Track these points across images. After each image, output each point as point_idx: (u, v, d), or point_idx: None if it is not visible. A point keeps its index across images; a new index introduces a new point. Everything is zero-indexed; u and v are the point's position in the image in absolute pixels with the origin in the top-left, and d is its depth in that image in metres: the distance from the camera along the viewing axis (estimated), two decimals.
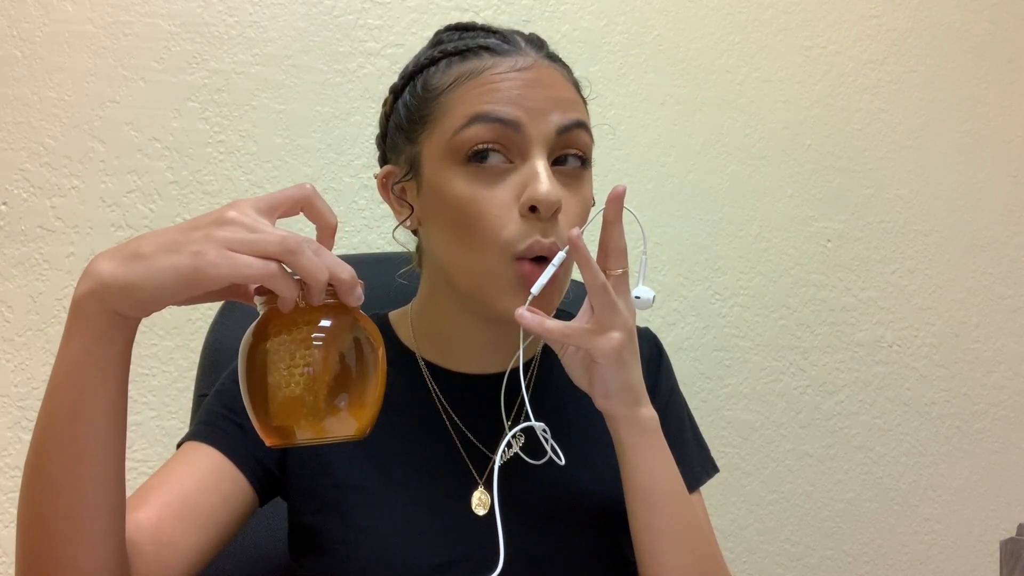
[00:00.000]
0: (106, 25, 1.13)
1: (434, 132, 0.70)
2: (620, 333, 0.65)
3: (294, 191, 0.55)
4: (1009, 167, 1.62)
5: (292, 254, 0.51)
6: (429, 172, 0.71)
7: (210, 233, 0.51)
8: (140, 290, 0.51)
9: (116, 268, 0.51)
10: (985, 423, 1.57)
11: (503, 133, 0.67)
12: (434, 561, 0.70)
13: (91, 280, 0.52)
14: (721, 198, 1.43)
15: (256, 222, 0.52)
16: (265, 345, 0.54)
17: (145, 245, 0.52)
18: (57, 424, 0.55)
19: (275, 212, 0.54)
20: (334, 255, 0.53)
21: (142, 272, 0.51)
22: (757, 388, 1.43)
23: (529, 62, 0.70)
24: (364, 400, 0.55)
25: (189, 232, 0.51)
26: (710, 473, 0.83)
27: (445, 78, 0.71)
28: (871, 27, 1.53)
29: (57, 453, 0.55)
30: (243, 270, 0.50)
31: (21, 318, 1.09)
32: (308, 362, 0.53)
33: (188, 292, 0.51)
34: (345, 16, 1.23)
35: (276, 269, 0.51)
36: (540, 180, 0.66)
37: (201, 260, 0.50)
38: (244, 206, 0.52)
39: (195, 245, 0.50)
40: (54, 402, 0.55)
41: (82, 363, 0.53)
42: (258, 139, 1.19)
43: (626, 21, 1.38)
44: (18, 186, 1.10)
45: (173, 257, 0.50)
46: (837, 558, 1.47)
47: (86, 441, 0.54)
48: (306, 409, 0.53)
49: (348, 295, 0.54)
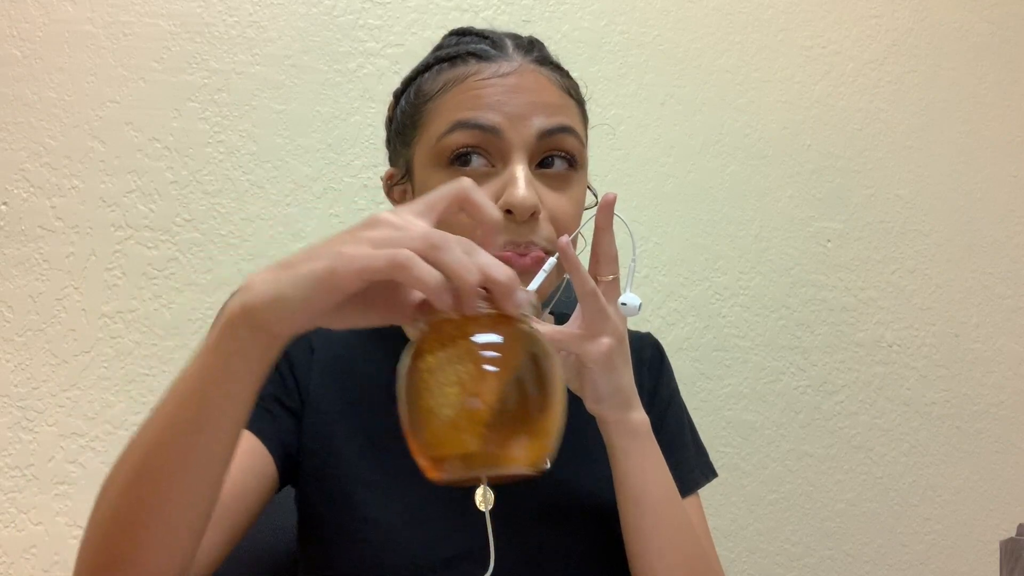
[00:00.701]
0: (106, 25, 1.13)
1: (423, 137, 0.72)
2: (610, 338, 0.66)
3: (449, 187, 0.50)
4: (1009, 167, 1.62)
5: (435, 249, 0.45)
6: (419, 175, 0.73)
7: (356, 234, 0.47)
8: (285, 300, 0.47)
9: (266, 280, 0.48)
10: (985, 423, 1.57)
11: (484, 138, 0.69)
12: (441, 555, 0.71)
13: (243, 293, 0.49)
14: (721, 198, 1.43)
15: (406, 221, 0.47)
16: (419, 364, 0.47)
17: (296, 255, 0.49)
18: (176, 432, 0.52)
19: (432, 211, 0.49)
20: (490, 255, 0.47)
21: (287, 281, 0.47)
22: (757, 388, 1.43)
23: (513, 67, 0.71)
24: (540, 426, 0.47)
25: (340, 236, 0.48)
26: (708, 477, 0.84)
27: (434, 84, 0.73)
28: (871, 27, 1.53)
29: (168, 460, 0.53)
30: (372, 262, 0.45)
31: (21, 318, 1.09)
32: (465, 382, 0.45)
33: (327, 297, 0.46)
34: (345, 16, 1.23)
35: (405, 259, 0.45)
36: (517, 185, 0.67)
37: (337, 260, 0.46)
38: (400, 209, 0.49)
39: (338, 247, 0.47)
40: (177, 410, 0.52)
41: (218, 378, 0.50)
42: (258, 139, 1.19)
43: (626, 21, 1.39)
44: (18, 186, 1.10)
45: (315, 262, 0.47)
46: (837, 558, 1.47)
47: (200, 452, 0.53)
48: (466, 436, 0.45)
49: (505, 300, 0.47)
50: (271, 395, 0.74)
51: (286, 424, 0.74)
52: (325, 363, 0.78)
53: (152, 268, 1.14)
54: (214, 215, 1.16)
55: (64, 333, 1.10)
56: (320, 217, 1.21)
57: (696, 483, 0.82)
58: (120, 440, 1.11)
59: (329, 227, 1.21)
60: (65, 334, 1.10)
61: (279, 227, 1.19)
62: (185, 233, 1.15)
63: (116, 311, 1.12)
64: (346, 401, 0.77)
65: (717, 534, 0.78)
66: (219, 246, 1.16)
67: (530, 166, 0.70)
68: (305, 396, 0.76)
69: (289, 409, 0.75)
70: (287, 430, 0.70)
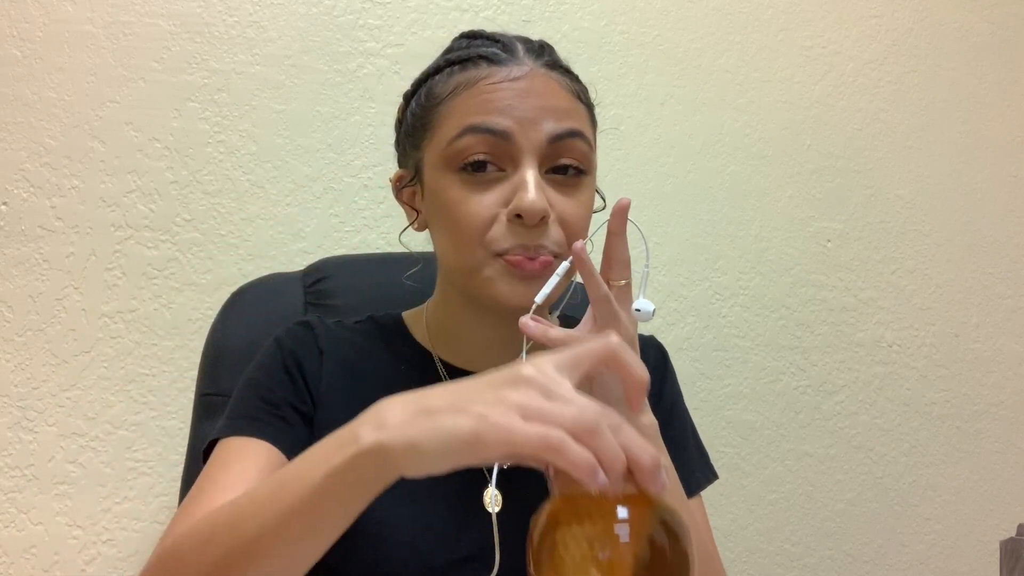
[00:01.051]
0: (106, 25, 1.13)
1: (433, 140, 0.73)
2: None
3: (599, 347, 0.50)
4: (1009, 167, 1.62)
5: (589, 434, 0.45)
6: (429, 178, 0.74)
7: (502, 394, 0.46)
8: (422, 452, 0.46)
9: (405, 422, 0.48)
10: (985, 423, 1.57)
11: (494, 143, 0.69)
12: (450, 556, 0.71)
13: (379, 431, 0.48)
14: (721, 198, 1.43)
15: (554, 384, 0.47)
16: (555, 535, 0.46)
17: (437, 397, 0.48)
18: (284, 525, 0.52)
19: (578, 369, 0.49)
20: (634, 432, 0.47)
21: (427, 431, 0.46)
22: (757, 388, 1.43)
23: (524, 71, 0.71)
24: None
25: (483, 391, 0.47)
26: (710, 479, 0.85)
27: (445, 87, 0.73)
28: (871, 27, 1.53)
29: (271, 544, 0.53)
30: (522, 438, 0.44)
31: (21, 318, 1.09)
32: (600, 561, 0.45)
33: (468, 458, 0.46)
34: (345, 16, 1.23)
35: (558, 442, 0.44)
36: (527, 190, 0.68)
37: (483, 424, 0.45)
38: (544, 364, 0.48)
39: (483, 406, 0.46)
40: (290, 506, 0.52)
41: (335, 497, 0.51)
42: (258, 139, 1.19)
43: (626, 21, 1.39)
44: (18, 186, 1.10)
45: (458, 417, 0.46)
46: (837, 558, 1.47)
47: (304, 546, 0.53)
48: None
49: (649, 482, 0.46)
50: (286, 402, 0.74)
51: (301, 430, 0.74)
52: (333, 365, 0.78)
53: (152, 268, 1.14)
54: (214, 215, 1.16)
55: (64, 333, 1.10)
56: (320, 217, 1.21)
57: (698, 485, 0.83)
58: (120, 439, 1.11)
59: (329, 227, 1.21)
60: (65, 334, 1.10)
61: (279, 227, 1.19)
62: (185, 233, 1.15)
63: (116, 311, 1.12)
64: (354, 402, 0.76)
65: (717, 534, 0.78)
66: (219, 246, 1.16)
67: (540, 170, 0.70)
68: (316, 399, 0.76)
69: (302, 414, 0.75)
70: (302, 436, 0.70)
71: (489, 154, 0.69)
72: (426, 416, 0.47)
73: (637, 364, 0.51)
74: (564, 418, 0.45)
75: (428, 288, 0.84)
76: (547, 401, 0.46)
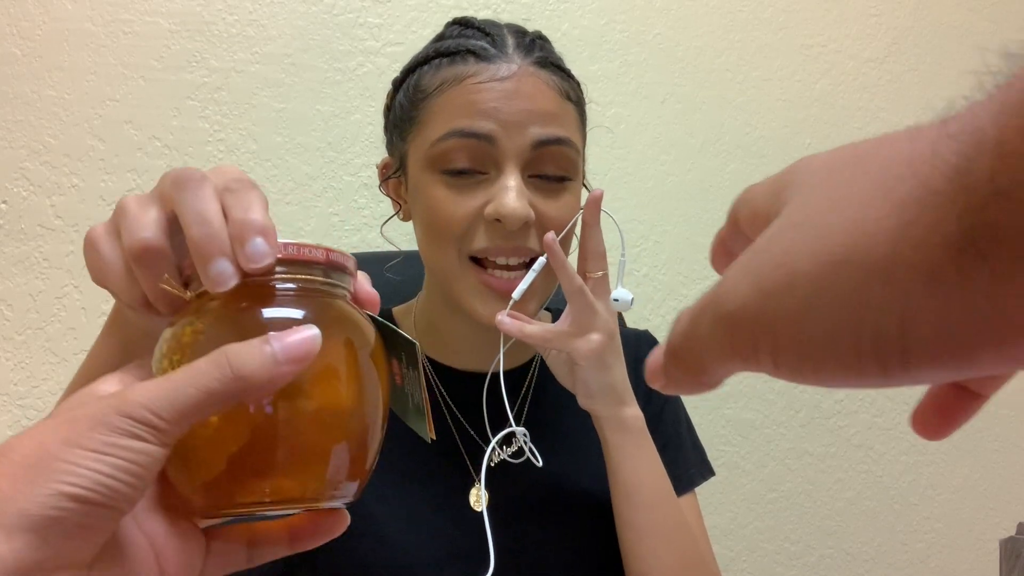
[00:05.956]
0: (106, 23, 1.13)
1: (418, 136, 0.72)
2: (600, 335, 0.67)
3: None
4: None
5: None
6: (413, 173, 0.73)
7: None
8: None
9: None
10: (985, 423, 1.57)
11: (477, 147, 0.68)
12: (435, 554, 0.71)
13: None
14: (721, 197, 1.43)
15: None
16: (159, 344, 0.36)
17: None
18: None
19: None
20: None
21: None
22: (757, 386, 1.43)
23: (512, 70, 0.69)
24: (307, 456, 0.35)
25: None
26: (705, 476, 0.84)
27: (433, 81, 0.72)
28: (871, 26, 1.53)
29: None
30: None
31: (21, 317, 1.09)
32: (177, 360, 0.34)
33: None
34: (345, 15, 1.23)
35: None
36: (508, 195, 0.67)
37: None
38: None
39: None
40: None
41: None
42: (258, 137, 1.19)
43: (626, 20, 1.38)
44: (18, 184, 1.10)
45: None
46: (837, 557, 1.47)
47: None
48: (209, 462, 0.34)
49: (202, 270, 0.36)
50: None
51: None
52: None
53: None
54: None
55: (64, 332, 1.10)
56: (320, 215, 1.21)
57: (692, 481, 0.82)
58: None
59: (329, 225, 1.21)
60: (65, 333, 1.10)
61: (279, 226, 1.17)
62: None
63: None
64: None
65: (717, 532, 0.78)
66: None
67: (523, 175, 0.69)
68: None
69: None
70: None
71: (472, 158, 0.69)
72: None
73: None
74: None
75: (410, 282, 0.84)
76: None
